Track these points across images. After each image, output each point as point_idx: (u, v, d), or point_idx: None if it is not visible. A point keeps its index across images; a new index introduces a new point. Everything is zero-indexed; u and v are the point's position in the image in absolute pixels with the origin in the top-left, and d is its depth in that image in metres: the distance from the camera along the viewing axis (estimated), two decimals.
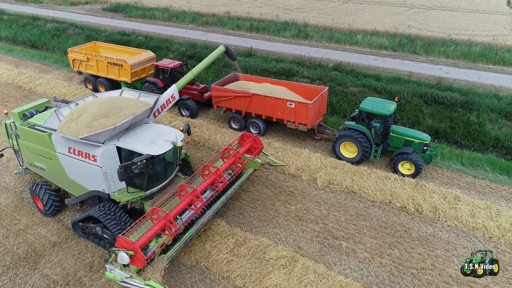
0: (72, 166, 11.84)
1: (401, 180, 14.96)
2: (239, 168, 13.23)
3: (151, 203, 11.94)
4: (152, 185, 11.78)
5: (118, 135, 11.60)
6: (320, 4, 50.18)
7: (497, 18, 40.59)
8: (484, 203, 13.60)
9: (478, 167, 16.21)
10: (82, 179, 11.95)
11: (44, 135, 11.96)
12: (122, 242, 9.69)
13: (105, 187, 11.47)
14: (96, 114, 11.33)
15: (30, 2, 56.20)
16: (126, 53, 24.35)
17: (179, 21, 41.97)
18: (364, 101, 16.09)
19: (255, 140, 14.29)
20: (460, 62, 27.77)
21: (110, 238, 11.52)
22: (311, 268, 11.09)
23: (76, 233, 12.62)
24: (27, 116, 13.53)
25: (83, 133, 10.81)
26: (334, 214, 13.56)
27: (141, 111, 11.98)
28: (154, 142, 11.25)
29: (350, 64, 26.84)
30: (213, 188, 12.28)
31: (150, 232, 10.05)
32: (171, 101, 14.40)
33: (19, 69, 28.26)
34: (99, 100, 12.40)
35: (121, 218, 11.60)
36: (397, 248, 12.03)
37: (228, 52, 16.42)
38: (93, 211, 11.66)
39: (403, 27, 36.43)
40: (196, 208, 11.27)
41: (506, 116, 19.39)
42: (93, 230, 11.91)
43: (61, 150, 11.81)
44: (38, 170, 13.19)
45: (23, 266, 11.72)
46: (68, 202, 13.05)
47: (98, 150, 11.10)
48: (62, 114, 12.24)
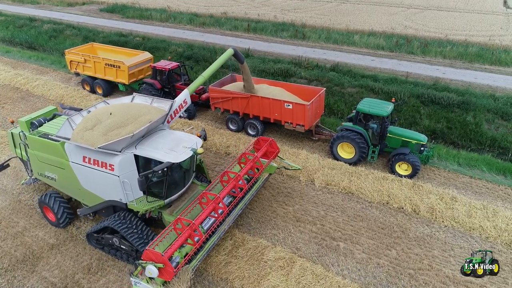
0: (87, 176, 11.48)
1: (398, 180, 15.03)
2: (258, 173, 12.89)
3: (169, 212, 11.66)
4: (171, 193, 11.44)
5: (135, 142, 11.22)
6: (317, 5, 50.25)
7: (493, 18, 40.76)
8: (480, 204, 13.69)
9: (474, 167, 16.30)
10: (97, 189, 11.58)
11: (57, 144, 11.62)
12: (150, 255, 9.29)
13: (123, 196, 11.13)
14: (112, 124, 10.97)
15: (27, 3, 56.04)
16: (123, 55, 24.35)
17: (176, 21, 41.96)
18: (361, 102, 16.15)
19: (271, 144, 13.97)
20: (456, 62, 27.89)
21: (128, 249, 11.26)
22: (309, 269, 11.14)
23: (91, 245, 12.23)
24: (35, 124, 13.13)
25: (100, 142, 10.49)
26: (332, 215, 13.61)
27: (158, 118, 11.63)
28: (173, 149, 10.89)
29: (348, 64, 26.92)
30: (233, 195, 11.98)
31: (176, 242, 9.68)
32: (183, 106, 14.03)
33: (16, 70, 28.19)
34: (112, 107, 11.97)
35: (139, 228, 11.27)
36: (394, 249, 12.09)
37: (237, 55, 16.33)
38: (110, 221, 11.31)
39: (400, 28, 36.55)
40: (218, 216, 11.00)
41: (502, 116, 19.50)
42: (109, 241, 11.59)
43: (75, 159, 11.44)
44: (49, 180, 12.77)
45: (21, 268, 11.71)
46: (80, 212, 12.73)
47: (115, 159, 10.73)
48: (75, 122, 11.77)
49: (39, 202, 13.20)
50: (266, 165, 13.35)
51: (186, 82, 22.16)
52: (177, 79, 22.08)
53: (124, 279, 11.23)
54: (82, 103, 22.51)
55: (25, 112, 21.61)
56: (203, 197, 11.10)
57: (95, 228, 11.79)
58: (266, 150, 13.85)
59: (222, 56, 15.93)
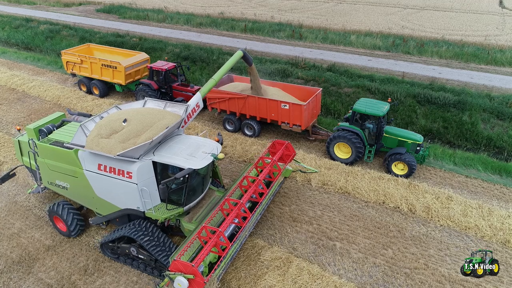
0: (102, 184, 11.18)
1: (395, 180, 15.08)
2: (276, 177, 12.57)
3: (188, 219, 11.40)
4: (189, 200, 11.20)
5: (152, 149, 10.94)
6: (314, 5, 50.33)
7: (489, 18, 40.95)
8: (476, 203, 13.76)
9: (470, 166, 16.38)
10: (113, 197, 11.26)
11: (70, 152, 11.27)
12: (179, 266, 9.03)
13: (140, 204, 10.83)
14: (129, 132, 10.66)
15: (23, 4, 55.85)
16: (120, 55, 24.32)
17: (173, 22, 41.91)
18: (358, 102, 16.20)
19: (287, 147, 13.71)
20: (453, 62, 28.00)
21: (146, 259, 11.01)
22: (305, 269, 11.17)
23: (105, 255, 11.93)
24: (44, 132, 12.66)
25: (118, 149, 10.21)
26: (328, 215, 13.64)
27: (175, 123, 11.26)
28: (193, 155, 10.60)
29: (344, 64, 26.97)
30: (253, 200, 11.73)
31: (203, 252, 9.35)
32: (196, 110, 13.71)
33: (12, 71, 28.11)
34: (125, 113, 11.57)
35: (158, 237, 10.95)
36: (390, 248, 12.13)
37: (245, 57, 16.26)
38: (127, 230, 10.99)
39: (397, 28, 36.64)
40: (241, 222, 10.73)
41: (498, 115, 19.59)
42: (125, 250, 11.28)
43: (89, 167, 11.12)
44: (60, 189, 12.40)
45: (17, 270, 11.68)
46: (93, 221, 12.47)
47: (133, 166, 10.41)
48: (88, 129, 11.42)
49: (48, 212, 12.79)
50: (283, 168, 13.02)
51: (183, 83, 22.16)
52: (174, 79, 22.07)
53: (120, 280, 11.23)
54: (78, 104, 22.48)
55: (21, 113, 21.56)
56: (224, 203, 10.78)
57: (110, 237, 11.39)
58: (282, 153, 13.49)
59: (232, 58, 15.69)
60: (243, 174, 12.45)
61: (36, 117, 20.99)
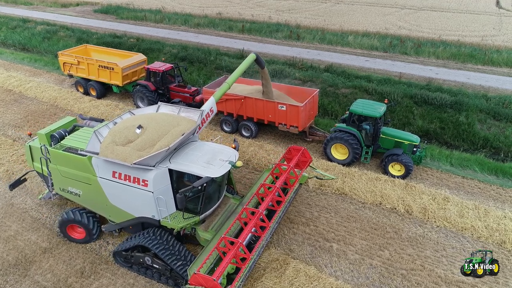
0: (116, 192, 10.98)
1: (391, 181, 15.11)
2: (293, 184, 12.24)
3: (203, 228, 11.14)
4: (206, 209, 10.96)
5: (168, 156, 10.70)
6: (312, 5, 50.38)
7: (486, 18, 41.09)
8: (472, 204, 13.80)
9: (467, 167, 16.43)
10: (127, 205, 11.06)
11: (83, 158, 11.03)
12: (200, 279, 8.75)
13: (156, 213, 10.62)
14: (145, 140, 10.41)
15: (20, 4, 55.70)
16: (117, 56, 24.27)
17: (171, 23, 41.88)
18: (354, 103, 16.22)
19: (304, 153, 13.30)
20: (450, 62, 28.09)
21: (161, 268, 10.76)
22: (302, 270, 11.18)
23: (118, 263, 11.66)
24: (55, 137, 12.39)
25: (134, 157, 9.98)
26: (325, 216, 13.65)
27: (191, 129, 11.00)
28: (210, 163, 10.35)
29: (342, 65, 27.01)
30: (271, 208, 11.36)
31: (223, 264, 9.02)
32: (210, 114, 13.50)
33: (9, 72, 28.00)
34: (139, 118, 11.36)
35: (173, 246, 10.74)
36: (387, 249, 12.16)
37: (258, 60, 16.15)
38: (142, 239, 10.75)
39: (394, 28, 36.73)
40: (260, 232, 10.33)
41: (494, 116, 19.65)
42: (139, 259, 11.02)
43: (103, 174, 10.92)
44: (72, 196, 12.13)
45: (13, 273, 11.64)
46: (106, 228, 12.28)
47: (149, 174, 10.19)
48: (102, 135, 11.16)
49: (60, 223, 12.41)
50: (300, 175, 12.66)
51: (180, 84, 22.15)
52: (171, 80, 22.05)
53: (117, 283, 11.21)
54: (76, 105, 22.42)
55: (18, 114, 21.49)
56: (242, 212, 10.47)
57: (124, 246, 11.16)
58: (298, 159, 13.07)
59: (244, 61, 15.49)
60: (260, 182, 12.13)
61: (33, 119, 20.95)
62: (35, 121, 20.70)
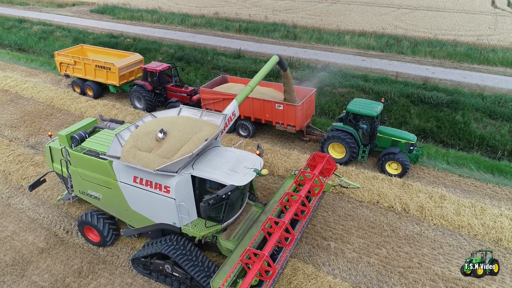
0: (136, 197, 10.76)
1: (388, 180, 15.18)
2: (318, 193, 11.74)
3: (225, 236, 10.80)
4: (228, 217, 10.65)
5: (191, 162, 10.39)
6: (308, 5, 50.45)
7: (481, 18, 41.32)
8: (469, 202, 13.89)
9: (463, 166, 16.52)
10: (148, 211, 10.81)
11: (104, 162, 10.87)
12: None
13: (177, 220, 10.34)
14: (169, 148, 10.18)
15: (16, 4, 55.41)
16: (113, 56, 24.21)
17: (167, 22, 41.83)
18: (351, 102, 16.28)
19: (329, 160, 12.69)
20: (446, 62, 28.23)
21: (181, 277, 10.54)
22: (300, 269, 11.22)
23: (136, 270, 11.46)
24: (76, 139, 12.21)
25: (156, 163, 9.74)
26: (323, 215, 13.69)
27: (214, 135, 10.67)
28: (234, 170, 10.01)
29: (338, 65, 27.08)
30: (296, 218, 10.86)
31: (248, 278, 8.61)
32: (232, 118, 13.15)
33: (5, 72, 27.88)
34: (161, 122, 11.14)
35: (194, 254, 10.49)
36: (384, 248, 12.22)
37: (281, 62, 15.94)
38: (162, 246, 10.53)
39: (390, 28, 36.86)
40: (285, 244, 9.94)
41: (490, 115, 19.79)
42: (159, 267, 10.77)
43: (124, 179, 10.71)
44: (91, 199, 12.00)
45: (10, 273, 11.60)
46: (125, 233, 12.18)
47: (172, 180, 9.92)
48: (123, 138, 10.88)
49: (79, 223, 12.40)
50: (325, 183, 12.13)
51: (177, 84, 22.14)
52: (168, 80, 22.04)
53: (115, 282, 11.20)
54: (72, 105, 22.36)
55: (14, 114, 21.41)
56: (267, 222, 9.93)
57: (143, 252, 10.95)
58: (323, 167, 12.54)
59: (267, 63, 15.19)
60: (284, 189, 11.85)
61: (30, 119, 20.87)
62: (31, 122, 20.62)
